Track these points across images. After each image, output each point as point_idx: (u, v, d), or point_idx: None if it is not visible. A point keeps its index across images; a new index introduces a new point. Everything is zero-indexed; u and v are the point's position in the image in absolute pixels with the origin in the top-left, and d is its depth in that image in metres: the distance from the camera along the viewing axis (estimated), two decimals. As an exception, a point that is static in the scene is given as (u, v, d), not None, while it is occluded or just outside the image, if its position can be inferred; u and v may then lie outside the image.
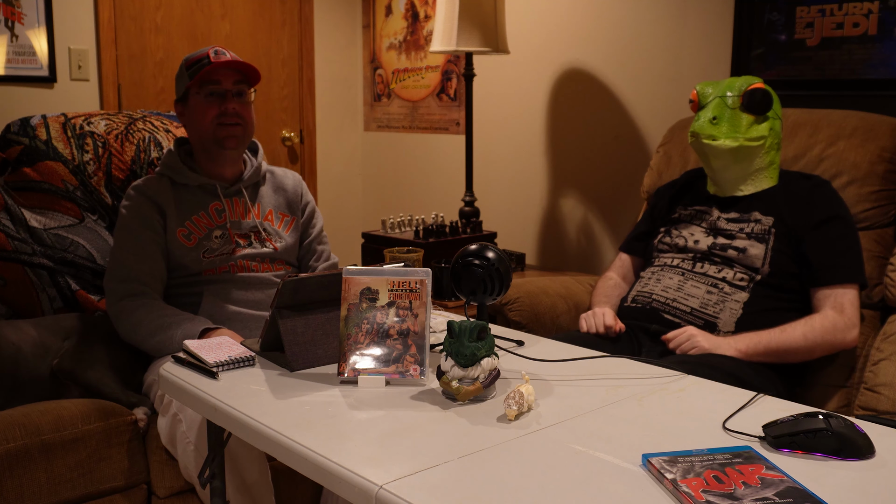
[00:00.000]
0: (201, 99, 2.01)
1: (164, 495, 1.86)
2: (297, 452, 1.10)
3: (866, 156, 2.07)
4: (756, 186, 1.97)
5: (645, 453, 1.05)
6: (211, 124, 2.01)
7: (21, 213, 2.17)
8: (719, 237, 1.96)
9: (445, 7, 2.92)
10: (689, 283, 1.93)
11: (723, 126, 1.89)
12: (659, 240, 2.09)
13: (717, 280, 1.91)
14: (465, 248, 1.54)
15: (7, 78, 3.01)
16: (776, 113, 1.95)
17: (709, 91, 1.95)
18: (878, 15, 2.27)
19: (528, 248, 3.35)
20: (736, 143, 1.89)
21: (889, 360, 1.81)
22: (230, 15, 3.61)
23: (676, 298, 1.93)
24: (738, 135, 1.89)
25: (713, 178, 2.02)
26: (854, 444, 1.08)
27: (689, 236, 2.02)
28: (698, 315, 1.88)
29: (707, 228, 2.00)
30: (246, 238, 2.08)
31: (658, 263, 2.05)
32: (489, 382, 1.27)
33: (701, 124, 1.90)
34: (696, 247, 1.98)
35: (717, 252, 1.94)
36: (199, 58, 2.00)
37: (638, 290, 2.04)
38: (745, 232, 1.93)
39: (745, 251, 1.91)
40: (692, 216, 2.06)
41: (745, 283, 1.89)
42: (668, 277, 1.98)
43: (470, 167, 3.17)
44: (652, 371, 1.46)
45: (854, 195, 2.06)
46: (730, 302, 1.87)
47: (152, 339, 1.87)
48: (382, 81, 4.00)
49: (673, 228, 2.07)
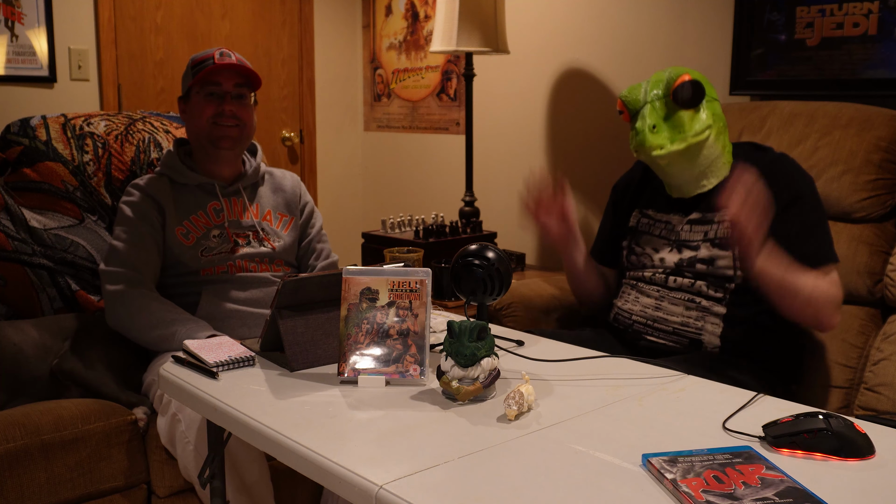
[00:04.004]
0: (200, 98, 2.03)
1: (164, 495, 1.86)
2: (297, 452, 1.10)
3: (862, 145, 2.04)
4: (718, 175, 1.85)
5: (645, 453, 1.05)
6: (207, 123, 2.02)
7: (21, 214, 2.17)
8: (684, 250, 1.86)
9: (445, 7, 2.92)
10: (666, 301, 1.86)
11: (664, 132, 1.77)
12: (626, 256, 2.01)
13: (693, 294, 1.83)
14: (465, 248, 1.54)
15: (7, 78, 3.01)
16: (710, 95, 1.83)
17: (635, 94, 1.82)
18: (878, 15, 2.27)
19: (528, 248, 3.35)
20: (684, 143, 1.77)
21: (889, 360, 1.81)
22: (230, 15, 3.61)
23: (657, 319, 1.87)
24: (683, 135, 1.77)
25: (671, 183, 1.91)
26: (854, 444, 1.08)
27: (653, 253, 1.92)
28: (681, 334, 1.83)
29: (671, 241, 1.90)
30: (244, 237, 2.08)
31: (633, 276, 1.96)
32: (489, 382, 1.27)
33: (643, 137, 1.77)
34: (664, 264, 1.90)
35: (685, 268, 1.86)
36: (204, 58, 2.02)
37: (618, 307, 1.97)
38: (708, 238, 1.83)
39: (712, 262, 1.81)
40: (651, 226, 1.96)
41: (721, 295, 1.80)
42: (645, 295, 1.91)
43: (470, 167, 3.17)
44: (652, 371, 1.46)
45: (850, 184, 2.04)
46: (710, 316, 1.80)
47: (152, 332, 1.87)
48: (382, 81, 4.00)
49: (635, 244, 1.98)
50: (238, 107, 2.03)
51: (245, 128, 2.06)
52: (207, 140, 2.04)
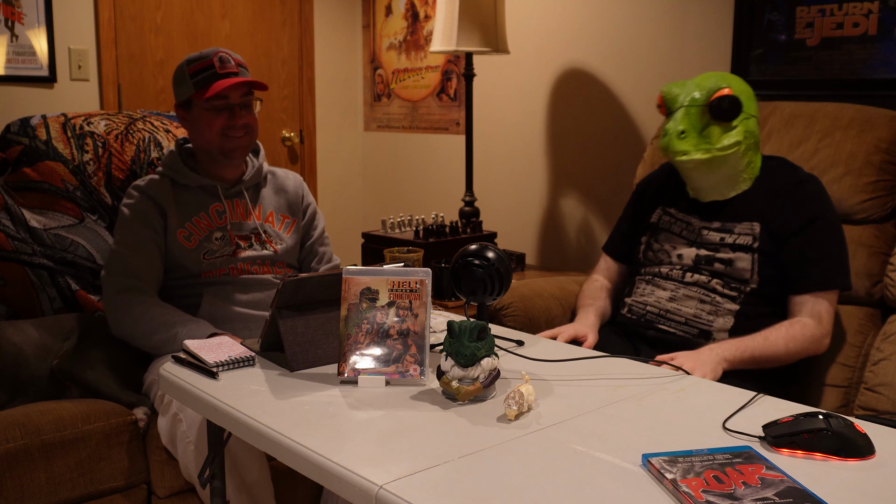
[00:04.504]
0: (206, 111, 1.97)
1: (164, 495, 1.86)
2: (297, 452, 1.10)
3: (863, 146, 2.05)
4: (736, 189, 1.90)
5: (645, 453, 1.05)
6: (217, 136, 1.98)
7: (21, 213, 2.17)
8: (702, 249, 1.91)
9: (445, 7, 2.92)
10: (682, 293, 1.90)
11: (691, 139, 1.80)
12: (643, 252, 2.04)
13: (708, 290, 1.87)
14: (465, 248, 1.54)
15: (7, 78, 3.01)
16: (749, 112, 1.85)
17: (675, 93, 1.84)
18: (878, 15, 2.27)
19: (528, 248, 3.35)
20: (708, 154, 1.80)
21: (889, 360, 1.81)
22: (230, 15, 3.61)
23: (670, 309, 1.90)
24: (709, 146, 1.80)
25: (691, 185, 1.96)
26: (854, 444, 1.08)
27: (671, 250, 1.96)
28: (693, 325, 1.86)
29: (689, 240, 1.94)
30: (246, 240, 2.08)
31: (649, 272, 2.00)
32: (489, 382, 1.27)
33: (669, 140, 1.80)
34: (681, 261, 1.94)
35: (703, 266, 1.90)
36: (203, 66, 1.96)
37: (633, 300, 2.00)
38: (727, 243, 1.88)
39: (731, 263, 1.86)
40: (672, 223, 2.00)
41: (735, 294, 1.85)
42: (660, 288, 1.94)
43: (470, 167, 3.17)
44: (652, 371, 1.46)
45: (850, 186, 2.04)
46: (722, 311, 1.85)
47: (153, 337, 1.87)
48: (382, 81, 4.00)
49: (654, 241, 2.02)
50: (247, 116, 2.01)
51: (253, 133, 2.05)
52: (219, 152, 2.01)
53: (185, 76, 1.99)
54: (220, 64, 1.96)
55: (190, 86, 1.97)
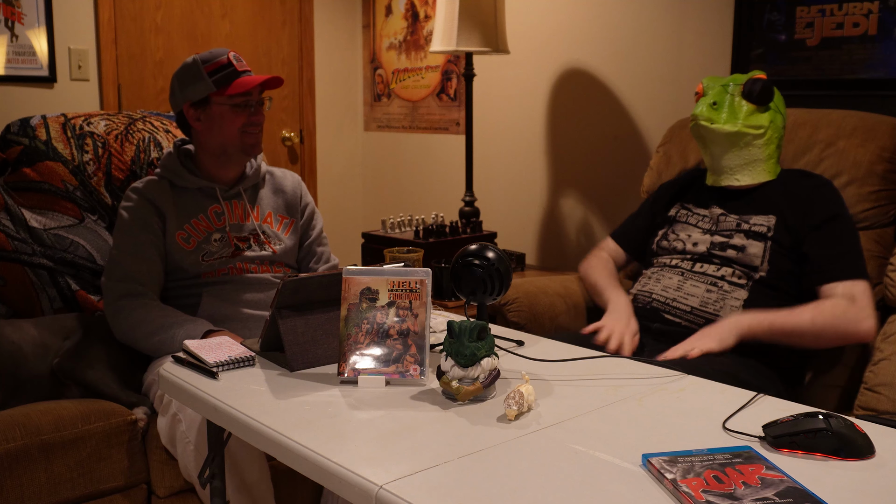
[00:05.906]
0: (228, 109, 1.98)
1: (164, 495, 1.86)
2: (297, 452, 1.10)
3: (866, 155, 2.07)
4: (753, 178, 1.96)
5: (645, 453, 1.05)
6: (238, 133, 2.00)
7: (21, 214, 2.17)
8: (717, 236, 1.96)
9: (445, 7, 2.92)
10: (689, 283, 1.93)
11: (722, 111, 1.92)
12: (657, 242, 2.09)
13: (716, 279, 1.91)
14: (465, 248, 1.54)
15: (7, 78, 3.01)
16: (777, 108, 1.95)
17: (714, 81, 1.97)
18: (878, 15, 2.27)
19: (528, 248, 3.35)
20: (734, 127, 1.90)
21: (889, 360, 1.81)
22: (230, 15, 3.61)
23: (676, 298, 1.93)
24: (736, 120, 1.91)
25: (711, 165, 2.02)
26: (854, 444, 1.08)
27: (686, 239, 2.02)
28: (699, 314, 1.88)
29: (705, 228, 2.00)
30: (245, 241, 2.08)
31: (657, 264, 2.05)
32: (489, 382, 1.27)
33: (700, 108, 1.93)
34: (695, 249, 1.98)
35: (716, 252, 1.94)
36: (220, 64, 1.97)
37: (638, 289, 2.04)
38: (742, 230, 1.93)
39: (743, 249, 1.90)
40: (689, 216, 2.06)
41: (743, 282, 1.88)
42: (667, 277, 1.98)
43: (470, 167, 3.17)
44: (652, 371, 1.46)
45: (854, 195, 2.05)
46: (729, 300, 1.87)
47: (153, 339, 1.87)
48: (382, 81, 4.00)
49: (671, 231, 2.07)
50: (262, 113, 2.05)
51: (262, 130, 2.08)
52: (238, 149, 2.02)
53: (201, 74, 1.97)
54: (236, 61, 1.99)
55: (209, 83, 1.96)
